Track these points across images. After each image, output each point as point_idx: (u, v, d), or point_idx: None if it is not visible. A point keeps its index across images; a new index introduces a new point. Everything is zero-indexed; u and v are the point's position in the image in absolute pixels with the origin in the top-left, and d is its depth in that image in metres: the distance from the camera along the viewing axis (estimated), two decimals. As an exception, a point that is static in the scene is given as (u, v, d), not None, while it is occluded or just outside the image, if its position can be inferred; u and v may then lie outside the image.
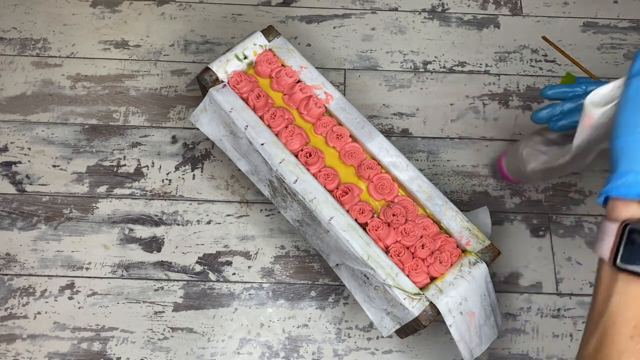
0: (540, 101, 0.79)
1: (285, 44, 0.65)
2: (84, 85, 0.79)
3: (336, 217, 0.57)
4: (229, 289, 0.69)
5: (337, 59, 0.81)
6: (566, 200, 0.74)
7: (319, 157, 0.60)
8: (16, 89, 0.78)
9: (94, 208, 0.72)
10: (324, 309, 0.68)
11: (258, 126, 0.60)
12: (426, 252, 0.56)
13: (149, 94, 0.79)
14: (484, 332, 0.56)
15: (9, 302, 0.68)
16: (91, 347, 0.66)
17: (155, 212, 0.72)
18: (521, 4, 0.85)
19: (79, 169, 0.74)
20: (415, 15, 0.84)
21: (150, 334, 0.67)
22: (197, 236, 0.71)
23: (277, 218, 0.72)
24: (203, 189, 0.73)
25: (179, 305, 0.68)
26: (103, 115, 0.77)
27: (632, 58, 0.43)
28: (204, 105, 0.63)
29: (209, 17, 0.83)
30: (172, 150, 0.75)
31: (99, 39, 0.81)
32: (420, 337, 0.67)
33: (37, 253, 0.70)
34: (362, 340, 0.67)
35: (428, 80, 0.80)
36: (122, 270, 0.69)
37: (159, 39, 0.82)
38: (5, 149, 0.75)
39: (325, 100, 0.63)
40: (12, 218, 0.71)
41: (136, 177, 0.74)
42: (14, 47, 0.80)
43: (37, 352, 0.66)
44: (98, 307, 0.68)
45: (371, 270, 0.55)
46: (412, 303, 0.54)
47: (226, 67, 0.63)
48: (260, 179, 0.64)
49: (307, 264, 0.70)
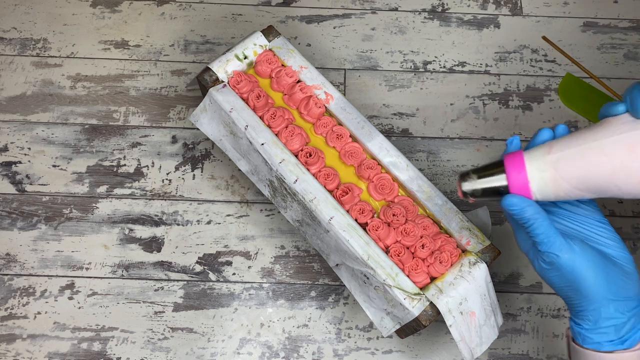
0: (540, 101, 0.79)
1: (285, 44, 0.65)
2: (84, 85, 0.79)
3: (336, 217, 0.57)
4: (229, 289, 0.69)
5: (337, 59, 0.81)
6: (566, 200, 0.74)
7: (319, 157, 0.60)
8: (16, 89, 0.78)
9: (94, 208, 0.72)
10: (324, 309, 0.68)
11: (258, 126, 0.60)
12: (426, 252, 0.56)
13: (149, 94, 0.79)
14: (484, 332, 0.56)
15: (9, 302, 0.68)
16: (91, 347, 0.66)
17: (155, 212, 0.72)
18: (521, 4, 0.85)
19: (79, 169, 0.74)
20: (415, 15, 0.84)
21: (150, 334, 0.67)
22: (197, 236, 0.71)
23: (277, 218, 0.72)
24: (203, 189, 0.73)
25: (179, 305, 0.68)
26: (103, 115, 0.77)
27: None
28: (204, 105, 0.63)
29: (209, 17, 0.83)
30: (172, 150, 0.75)
31: (99, 39, 0.81)
32: (420, 337, 0.67)
33: (37, 253, 0.70)
34: (362, 340, 0.67)
35: (428, 80, 0.80)
36: (122, 270, 0.69)
37: (159, 39, 0.82)
38: (5, 149, 0.75)
39: (325, 100, 0.63)
40: (12, 218, 0.71)
41: (136, 177, 0.74)
42: (14, 47, 0.80)
43: (37, 352, 0.66)
44: (98, 307, 0.68)
45: (371, 270, 0.55)
46: (412, 303, 0.54)
47: (226, 67, 0.63)
48: (260, 179, 0.64)
49: (307, 264, 0.70)
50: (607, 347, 0.44)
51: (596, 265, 0.44)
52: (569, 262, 0.44)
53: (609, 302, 0.44)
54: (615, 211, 0.74)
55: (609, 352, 0.44)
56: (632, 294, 0.45)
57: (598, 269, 0.44)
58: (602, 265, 0.44)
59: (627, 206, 0.74)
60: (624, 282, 0.44)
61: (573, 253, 0.43)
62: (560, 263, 0.44)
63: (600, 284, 0.44)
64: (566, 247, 0.44)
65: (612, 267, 0.44)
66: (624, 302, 0.44)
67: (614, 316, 0.44)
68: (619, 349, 0.44)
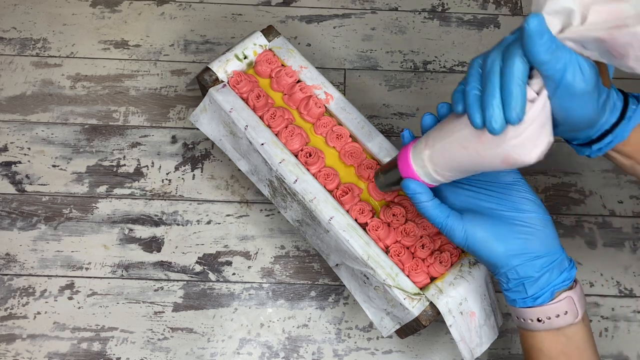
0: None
1: (285, 44, 0.65)
2: (83, 85, 0.79)
3: (336, 217, 0.57)
4: (229, 289, 0.69)
5: (337, 59, 0.81)
6: (566, 200, 0.74)
7: (319, 157, 0.60)
8: (16, 89, 0.78)
9: (94, 208, 0.72)
10: (324, 309, 0.68)
11: (258, 126, 0.60)
12: (426, 252, 0.56)
13: (149, 94, 0.78)
14: (484, 332, 0.56)
15: (8, 302, 0.68)
16: (91, 347, 0.66)
17: (155, 212, 0.72)
18: (521, 4, 0.85)
19: (79, 169, 0.74)
20: (415, 15, 0.84)
21: (150, 334, 0.67)
22: (197, 236, 0.71)
23: (277, 218, 0.72)
24: (203, 189, 0.73)
25: (178, 305, 0.68)
26: (103, 115, 0.77)
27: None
28: (204, 105, 0.63)
29: (209, 17, 0.83)
30: (172, 150, 0.75)
31: (99, 38, 0.81)
32: (420, 337, 0.67)
33: (37, 253, 0.70)
34: (362, 341, 0.67)
35: (428, 80, 0.80)
36: (122, 270, 0.69)
37: (159, 38, 0.82)
38: (5, 149, 0.75)
39: (325, 100, 0.63)
40: (11, 218, 0.71)
41: (136, 177, 0.74)
42: (14, 47, 0.80)
43: (37, 352, 0.66)
44: (98, 307, 0.68)
45: (371, 270, 0.55)
46: (412, 303, 0.54)
47: (226, 67, 0.63)
48: (260, 179, 0.64)
49: (307, 264, 0.70)
50: (521, 304, 0.47)
51: (489, 234, 0.46)
52: (461, 238, 0.47)
53: (512, 264, 0.46)
54: (615, 211, 0.74)
55: (525, 308, 0.47)
56: (539, 252, 0.46)
57: (492, 237, 0.46)
58: (495, 232, 0.46)
59: (627, 206, 0.74)
60: (524, 243, 0.46)
61: (463, 230, 0.47)
62: (456, 241, 0.48)
63: (497, 250, 0.46)
64: (457, 224, 0.47)
65: (508, 231, 0.46)
66: (531, 261, 0.46)
67: (521, 276, 0.46)
68: (532, 305, 0.47)
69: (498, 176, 0.49)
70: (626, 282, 0.70)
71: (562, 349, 0.47)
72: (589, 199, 0.74)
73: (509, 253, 0.46)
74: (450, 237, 0.48)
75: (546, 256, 0.46)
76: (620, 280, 0.70)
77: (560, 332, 0.47)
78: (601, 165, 0.76)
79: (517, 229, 0.46)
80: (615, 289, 0.70)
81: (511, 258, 0.46)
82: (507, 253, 0.46)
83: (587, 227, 0.73)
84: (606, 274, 0.71)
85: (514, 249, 0.46)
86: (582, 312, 0.47)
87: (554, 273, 0.46)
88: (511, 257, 0.46)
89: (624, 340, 0.68)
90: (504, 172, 0.49)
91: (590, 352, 0.48)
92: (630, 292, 0.70)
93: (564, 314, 0.46)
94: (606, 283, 0.70)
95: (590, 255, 0.72)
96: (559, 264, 0.47)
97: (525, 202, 0.47)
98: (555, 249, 0.47)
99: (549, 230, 0.47)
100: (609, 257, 0.72)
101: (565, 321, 0.46)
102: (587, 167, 0.76)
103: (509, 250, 0.46)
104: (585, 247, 0.72)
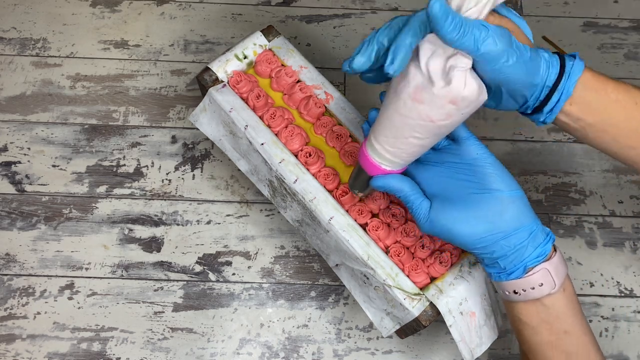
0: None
1: (285, 44, 0.65)
2: (83, 85, 0.79)
3: (336, 217, 0.57)
4: (229, 289, 0.69)
5: (337, 58, 0.81)
6: (566, 200, 0.74)
7: (319, 157, 0.60)
8: (16, 89, 0.78)
9: (94, 208, 0.72)
10: (324, 309, 0.68)
11: (258, 126, 0.60)
12: (426, 252, 0.56)
13: (149, 93, 0.78)
14: (484, 333, 0.56)
15: (8, 302, 0.68)
16: (91, 347, 0.66)
17: (155, 212, 0.72)
18: (521, 4, 0.85)
19: (79, 169, 0.74)
20: (415, 15, 0.84)
21: (150, 334, 0.67)
22: (196, 236, 0.71)
23: (277, 218, 0.72)
24: (203, 189, 0.73)
25: (178, 305, 0.68)
26: (103, 115, 0.77)
27: None
28: (204, 105, 0.63)
29: (209, 17, 0.83)
30: (171, 150, 0.75)
31: (99, 38, 0.81)
32: (420, 338, 0.67)
33: (37, 253, 0.70)
34: (362, 341, 0.67)
35: (428, 80, 0.80)
36: (122, 270, 0.69)
37: (158, 38, 0.82)
38: (5, 149, 0.75)
39: (325, 100, 0.63)
40: (11, 218, 0.71)
41: (136, 177, 0.74)
42: (14, 47, 0.80)
43: (37, 352, 0.66)
44: (98, 307, 0.68)
45: (371, 271, 0.55)
46: (412, 303, 0.54)
47: (226, 67, 0.63)
48: (260, 179, 0.64)
49: (307, 264, 0.70)
50: (496, 278, 0.48)
51: (454, 219, 0.47)
52: (428, 228, 0.48)
53: (479, 246, 0.47)
54: (616, 211, 0.74)
55: (501, 282, 0.48)
56: (508, 230, 0.46)
57: (457, 222, 0.47)
58: (461, 217, 0.47)
59: (627, 206, 0.74)
60: (491, 225, 0.46)
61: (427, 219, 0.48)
62: (424, 229, 0.49)
63: (463, 235, 0.47)
64: (425, 211, 0.48)
65: (474, 215, 0.46)
66: (499, 241, 0.46)
67: (492, 256, 0.47)
68: (506, 279, 0.47)
69: (461, 153, 0.49)
70: (626, 282, 0.70)
71: (543, 318, 0.47)
72: (589, 199, 0.74)
73: (475, 237, 0.46)
74: (416, 220, 0.49)
75: (515, 233, 0.46)
76: (621, 280, 0.70)
77: (539, 302, 0.47)
78: (601, 165, 0.76)
79: (484, 212, 0.46)
80: (615, 289, 0.70)
81: (477, 242, 0.46)
82: (473, 237, 0.46)
83: (587, 227, 0.73)
84: (606, 274, 0.71)
85: (480, 232, 0.46)
86: (560, 281, 0.46)
87: (528, 249, 0.46)
88: (477, 241, 0.46)
89: (624, 340, 0.68)
90: (466, 145, 0.49)
91: (573, 320, 0.47)
92: (631, 292, 0.70)
93: (539, 285, 0.46)
94: (606, 283, 0.70)
95: (590, 255, 0.72)
96: (532, 239, 0.46)
97: (492, 179, 0.47)
98: (528, 224, 0.46)
99: (518, 206, 0.46)
100: (609, 257, 0.72)
101: (541, 292, 0.46)
102: (587, 167, 0.76)
103: (475, 234, 0.46)
104: (585, 247, 0.72)
